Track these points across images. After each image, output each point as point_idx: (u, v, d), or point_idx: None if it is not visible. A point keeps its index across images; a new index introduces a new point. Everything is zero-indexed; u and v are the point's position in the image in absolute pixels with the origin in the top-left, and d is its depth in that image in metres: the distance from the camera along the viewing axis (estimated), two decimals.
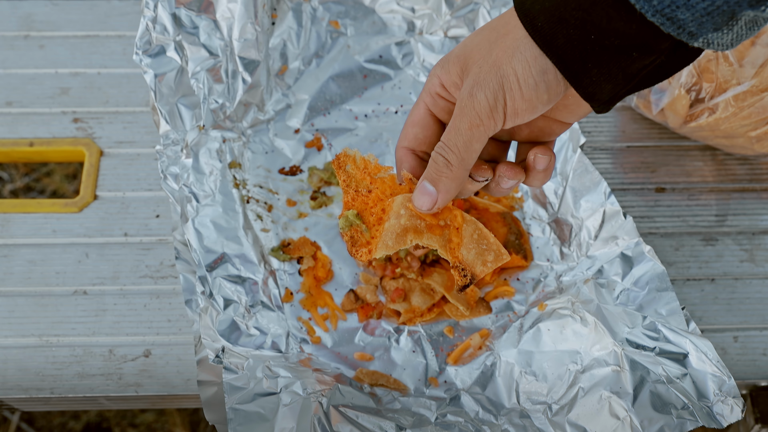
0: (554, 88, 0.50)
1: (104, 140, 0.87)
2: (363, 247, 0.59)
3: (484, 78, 0.50)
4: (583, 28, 0.46)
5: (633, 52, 0.46)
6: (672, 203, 0.84)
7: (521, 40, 0.49)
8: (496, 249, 0.58)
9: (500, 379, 0.71)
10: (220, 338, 0.70)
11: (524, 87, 0.49)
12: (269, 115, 0.87)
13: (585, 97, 0.49)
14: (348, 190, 0.60)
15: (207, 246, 0.75)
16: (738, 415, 0.64)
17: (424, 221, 0.57)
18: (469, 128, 0.51)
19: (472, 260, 0.57)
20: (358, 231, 0.59)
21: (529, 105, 0.50)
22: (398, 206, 0.57)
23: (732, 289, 0.79)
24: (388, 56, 0.91)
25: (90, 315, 0.77)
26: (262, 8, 0.85)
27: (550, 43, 0.47)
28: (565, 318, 0.71)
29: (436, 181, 0.55)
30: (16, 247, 0.80)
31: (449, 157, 0.53)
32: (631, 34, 0.45)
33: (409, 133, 0.58)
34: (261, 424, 0.62)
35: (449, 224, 0.58)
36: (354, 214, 0.59)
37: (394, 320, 0.76)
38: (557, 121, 0.57)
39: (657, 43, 0.46)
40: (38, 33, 0.94)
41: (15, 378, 0.74)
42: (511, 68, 0.49)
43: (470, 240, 0.58)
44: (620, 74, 0.48)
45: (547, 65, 0.48)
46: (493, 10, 0.90)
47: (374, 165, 0.61)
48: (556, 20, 0.47)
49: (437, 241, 0.57)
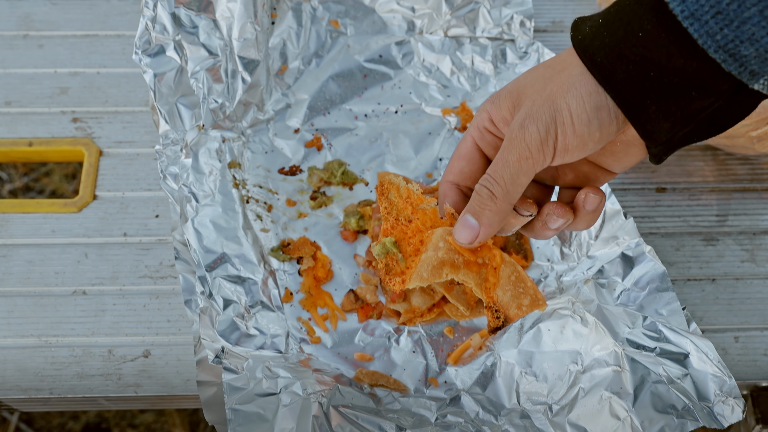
0: (607, 127, 0.49)
1: (103, 140, 0.87)
2: (397, 276, 0.58)
3: (537, 111, 0.49)
4: (643, 65, 0.46)
5: (692, 91, 0.46)
6: (673, 203, 0.83)
7: (577, 77, 0.48)
8: (533, 294, 0.56)
9: (500, 379, 0.71)
10: (219, 338, 0.70)
11: (577, 122, 0.49)
12: (269, 114, 0.87)
13: (642, 135, 0.49)
14: (388, 217, 0.59)
15: (206, 246, 0.75)
16: (739, 416, 0.64)
17: (462, 256, 0.56)
18: (517, 160, 0.50)
19: (507, 302, 0.56)
20: (394, 260, 0.58)
21: (580, 141, 0.49)
22: (437, 239, 0.56)
23: (733, 290, 0.79)
24: (388, 56, 0.91)
25: (89, 315, 0.77)
26: (261, 8, 0.85)
27: (609, 78, 0.47)
28: (565, 318, 0.71)
29: (478, 214, 0.53)
30: (15, 247, 0.80)
31: (494, 190, 0.52)
32: (691, 73, 0.45)
33: (455, 167, 0.57)
34: (261, 425, 0.62)
35: (487, 263, 0.56)
36: (392, 242, 0.58)
37: (394, 320, 0.76)
38: (602, 169, 0.56)
39: (717, 84, 0.45)
40: (37, 32, 0.94)
41: (14, 378, 0.73)
42: (565, 103, 0.49)
43: (507, 281, 0.56)
44: (679, 113, 0.47)
45: (602, 102, 0.48)
46: (493, 10, 0.90)
47: (417, 195, 0.60)
48: (615, 56, 0.46)
49: (473, 278, 0.56)
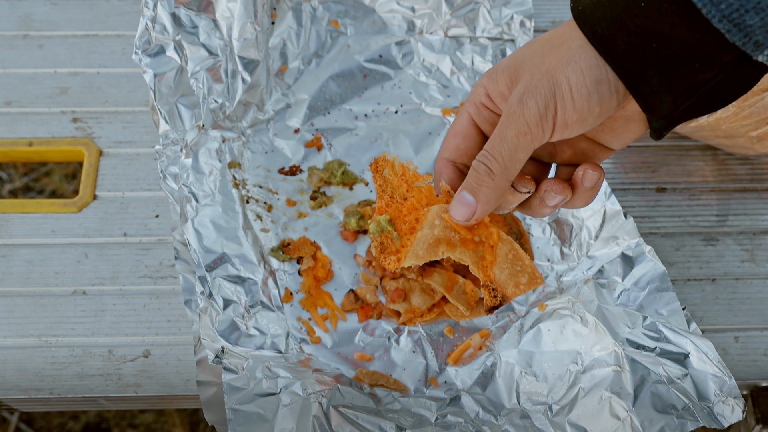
0: (607, 101, 0.48)
1: (103, 140, 0.87)
2: (392, 255, 0.57)
3: (535, 86, 0.49)
4: (645, 36, 0.45)
5: (695, 63, 0.45)
6: (673, 203, 0.83)
7: (577, 50, 0.48)
8: (531, 272, 0.56)
9: (500, 379, 0.71)
10: (219, 338, 0.70)
11: (577, 97, 0.48)
12: (269, 114, 0.87)
13: (644, 108, 0.48)
14: (383, 195, 0.58)
15: (206, 246, 0.75)
16: (739, 416, 0.64)
17: (458, 234, 0.55)
18: (515, 136, 0.49)
19: (504, 281, 0.55)
20: (389, 238, 0.57)
21: (580, 116, 0.48)
22: (433, 216, 0.55)
23: (733, 290, 0.79)
24: (388, 56, 0.91)
25: (89, 315, 0.77)
26: (261, 8, 0.85)
27: (610, 50, 0.46)
28: (565, 318, 0.71)
29: (475, 190, 0.52)
30: (15, 247, 0.80)
31: (492, 166, 0.51)
32: (694, 44, 0.44)
33: (450, 144, 0.56)
34: (261, 425, 0.62)
35: (484, 241, 0.56)
36: (386, 219, 0.57)
37: (394, 320, 0.76)
38: (601, 146, 0.55)
39: (720, 55, 0.44)
40: (37, 32, 0.93)
41: (14, 378, 0.73)
42: (565, 77, 0.48)
43: (504, 259, 0.55)
44: (681, 85, 0.46)
45: (602, 76, 0.47)
46: (493, 10, 0.90)
47: (412, 173, 0.59)
48: (617, 27, 0.46)
49: (470, 256, 0.55)
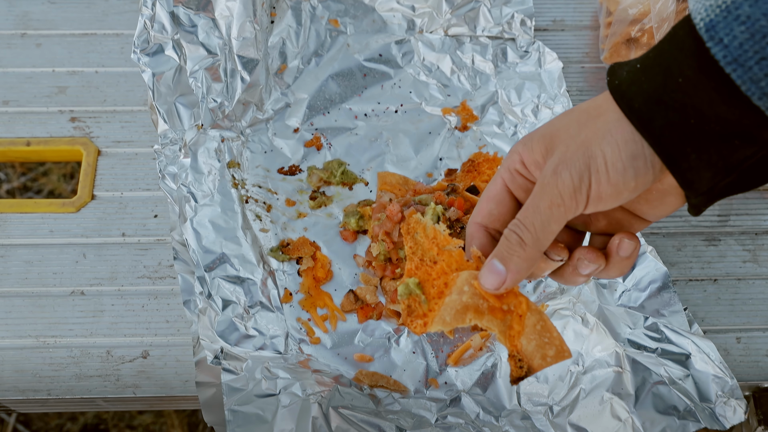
0: (643, 176, 0.48)
1: (102, 139, 0.86)
2: (419, 318, 0.57)
3: (570, 157, 0.48)
4: (683, 112, 0.44)
5: (735, 140, 0.44)
6: None
7: (613, 123, 0.47)
8: (559, 345, 0.55)
9: (501, 380, 0.71)
10: (218, 339, 0.69)
11: (612, 171, 0.47)
12: (268, 114, 0.86)
13: (682, 184, 0.47)
14: (413, 257, 0.58)
15: (205, 246, 0.74)
16: (741, 417, 0.64)
17: (486, 302, 0.55)
18: (548, 207, 0.49)
19: (531, 352, 0.55)
20: (417, 301, 0.57)
21: (614, 190, 0.48)
22: (462, 282, 0.55)
23: (735, 290, 0.78)
24: (388, 55, 0.91)
25: (87, 316, 0.76)
26: (261, 6, 0.85)
27: (648, 125, 0.46)
28: (566, 318, 0.71)
29: (506, 260, 0.52)
30: (12, 248, 0.80)
31: (524, 236, 0.51)
32: (734, 121, 0.44)
33: (483, 209, 0.56)
34: (260, 426, 0.62)
35: (512, 310, 0.55)
36: (415, 283, 0.57)
37: (394, 321, 0.75)
38: (636, 217, 0.55)
39: (760, 132, 0.44)
40: (35, 31, 0.93)
41: (11, 379, 0.73)
42: (600, 150, 0.47)
43: (532, 330, 0.55)
44: (720, 162, 0.45)
45: (638, 151, 0.47)
46: (493, 9, 0.90)
47: (444, 236, 0.59)
48: (654, 102, 0.45)
49: (497, 325, 0.55)
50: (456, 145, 0.85)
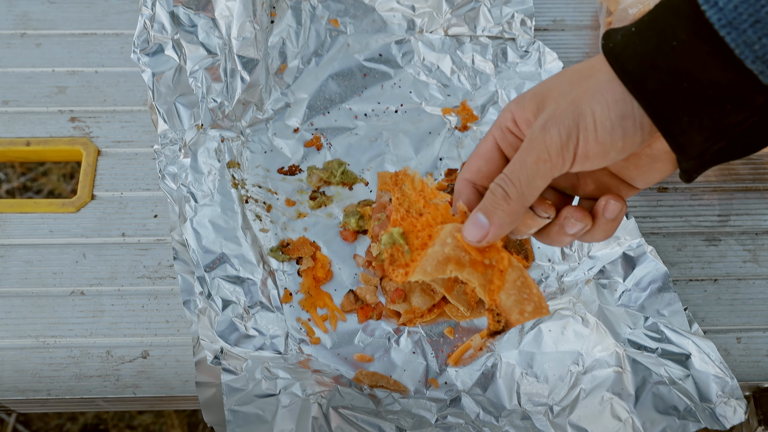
0: (631, 137, 0.48)
1: (102, 139, 0.86)
2: (401, 268, 0.57)
3: (560, 114, 0.48)
4: (676, 75, 0.44)
5: (727, 104, 0.44)
6: (674, 203, 0.83)
7: (604, 83, 0.47)
8: (537, 301, 0.55)
9: (501, 380, 0.70)
10: (218, 339, 0.69)
11: (600, 129, 0.47)
12: (268, 114, 0.86)
13: (674, 148, 0.47)
14: (399, 208, 0.58)
15: (205, 246, 0.74)
16: (741, 417, 0.64)
17: (468, 255, 0.55)
18: (535, 162, 0.49)
19: (509, 307, 0.55)
20: (400, 251, 0.57)
21: (601, 149, 0.48)
22: (446, 234, 0.55)
23: (735, 290, 0.78)
24: (388, 55, 0.91)
25: (87, 316, 0.76)
26: (261, 6, 0.85)
27: (641, 87, 0.46)
28: (566, 318, 0.71)
29: (490, 213, 0.52)
30: (12, 248, 0.80)
31: (509, 190, 0.51)
32: (726, 85, 0.43)
33: (473, 165, 0.56)
34: (260, 426, 0.62)
35: (494, 265, 0.55)
36: (399, 232, 0.57)
37: (394, 321, 0.75)
38: (625, 183, 0.55)
39: (752, 97, 0.44)
40: (35, 31, 0.93)
41: (11, 379, 0.73)
42: (590, 108, 0.47)
43: (512, 285, 0.55)
44: (712, 126, 0.45)
45: (628, 111, 0.47)
46: (493, 9, 0.90)
47: (431, 189, 0.59)
48: (648, 65, 0.45)
49: (477, 278, 0.55)
50: (456, 145, 0.85)
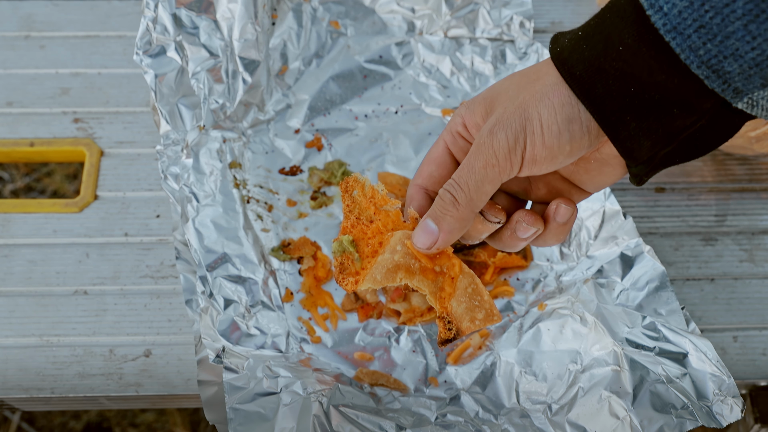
0: (578, 141, 0.47)
1: (105, 140, 0.87)
2: (351, 276, 0.56)
3: (507, 118, 0.48)
4: (623, 80, 0.44)
5: (674, 108, 0.44)
6: (672, 203, 0.84)
7: (551, 87, 0.47)
8: (488, 308, 0.54)
9: (500, 378, 0.71)
10: (220, 338, 0.70)
11: (547, 133, 0.47)
12: (269, 115, 0.87)
13: (622, 153, 0.47)
14: (349, 215, 0.58)
15: (207, 246, 0.75)
16: (737, 415, 0.64)
17: (419, 262, 0.54)
18: (483, 167, 0.49)
19: (460, 314, 0.54)
20: (350, 259, 0.56)
21: (549, 153, 0.48)
22: (396, 241, 0.55)
23: (731, 289, 0.79)
24: (388, 56, 0.91)
25: (90, 315, 0.77)
26: (262, 8, 0.85)
27: (588, 92, 0.46)
28: (564, 318, 0.72)
29: (439, 219, 0.52)
30: (16, 247, 0.80)
31: (457, 195, 0.51)
32: (673, 89, 0.43)
33: (424, 171, 0.56)
34: (261, 424, 0.62)
35: (445, 272, 0.55)
36: (349, 240, 0.56)
37: (394, 320, 0.76)
38: (576, 187, 0.55)
39: (699, 102, 0.44)
40: (39, 33, 0.94)
41: (15, 378, 0.74)
42: (537, 112, 0.47)
43: (463, 293, 0.55)
44: (660, 131, 0.45)
45: (574, 115, 0.47)
46: (492, 11, 0.91)
47: (381, 196, 0.59)
48: (594, 70, 0.45)
49: (428, 285, 0.54)
50: None
